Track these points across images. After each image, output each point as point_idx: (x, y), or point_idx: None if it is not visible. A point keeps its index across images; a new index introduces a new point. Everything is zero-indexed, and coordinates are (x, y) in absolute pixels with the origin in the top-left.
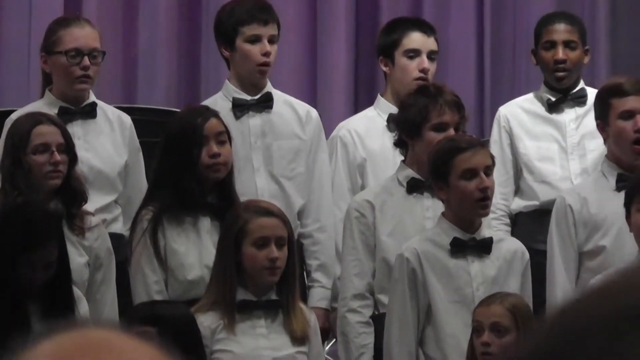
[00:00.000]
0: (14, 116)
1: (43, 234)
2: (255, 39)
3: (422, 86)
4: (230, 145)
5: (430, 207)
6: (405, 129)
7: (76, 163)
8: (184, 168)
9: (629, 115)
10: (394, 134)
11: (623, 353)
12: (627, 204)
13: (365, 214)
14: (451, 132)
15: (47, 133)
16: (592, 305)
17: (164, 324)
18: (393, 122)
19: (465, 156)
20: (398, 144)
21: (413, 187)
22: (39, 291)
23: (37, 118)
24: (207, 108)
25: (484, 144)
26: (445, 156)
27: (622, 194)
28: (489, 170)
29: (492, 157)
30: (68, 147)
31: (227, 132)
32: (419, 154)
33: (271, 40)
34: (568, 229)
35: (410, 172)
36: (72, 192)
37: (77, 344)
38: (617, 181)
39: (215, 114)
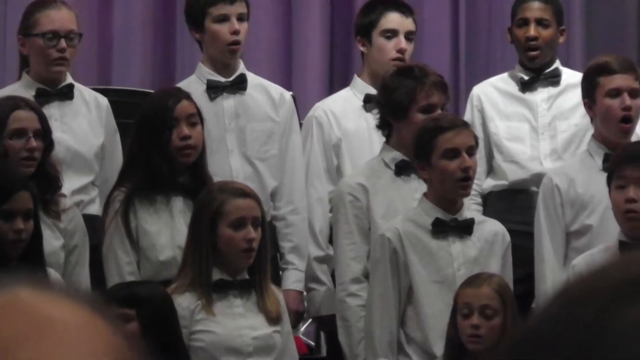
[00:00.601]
0: None
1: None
2: (223, 19)
3: (404, 67)
4: (203, 127)
5: (419, 189)
6: (390, 111)
7: (52, 149)
8: (155, 150)
9: (616, 93)
10: (374, 116)
11: (610, 322)
12: (608, 181)
13: (359, 197)
14: (438, 112)
15: (24, 118)
16: (586, 281)
17: (142, 305)
18: (376, 103)
19: (448, 136)
20: (381, 125)
21: (402, 169)
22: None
23: (15, 102)
24: (179, 90)
25: (467, 124)
26: (428, 135)
27: None
28: (471, 150)
29: (476, 138)
30: (45, 133)
31: (199, 114)
32: (406, 136)
33: (240, 19)
34: (555, 209)
35: (397, 154)
36: (47, 178)
37: None
38: (604, 161)
39: (187, 96)
